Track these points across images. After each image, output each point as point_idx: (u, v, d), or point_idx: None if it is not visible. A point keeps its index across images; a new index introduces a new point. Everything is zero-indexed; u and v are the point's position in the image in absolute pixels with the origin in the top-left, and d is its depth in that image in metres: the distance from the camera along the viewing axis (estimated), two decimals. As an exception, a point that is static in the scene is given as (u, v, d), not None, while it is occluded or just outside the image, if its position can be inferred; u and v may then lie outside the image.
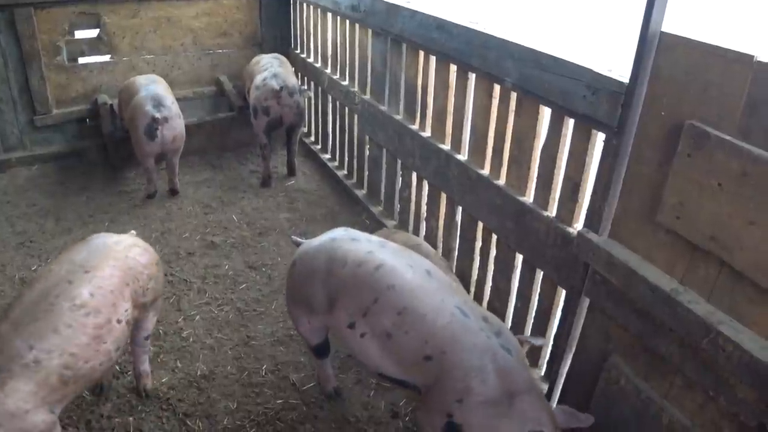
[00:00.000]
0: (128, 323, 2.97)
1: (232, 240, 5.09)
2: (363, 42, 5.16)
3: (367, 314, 2.81)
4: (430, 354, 2.68)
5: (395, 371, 2.84)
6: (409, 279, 2.81)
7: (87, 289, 2.79)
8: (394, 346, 2.77)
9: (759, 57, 2.10)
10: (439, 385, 2.67)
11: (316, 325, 3.20)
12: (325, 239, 3.15)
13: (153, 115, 5.25)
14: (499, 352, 2.65)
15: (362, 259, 2.90)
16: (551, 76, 3.06)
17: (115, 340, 2.85)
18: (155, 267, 3.21)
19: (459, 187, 3.96)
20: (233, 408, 3.50)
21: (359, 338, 2.86)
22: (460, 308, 2.74)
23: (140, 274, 3.06)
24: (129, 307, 2.96)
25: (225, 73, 6.92)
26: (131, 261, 3.04)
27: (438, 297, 2.77)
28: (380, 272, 2.83)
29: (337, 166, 6.21)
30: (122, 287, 2.93)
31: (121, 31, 6.30)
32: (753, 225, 2.15)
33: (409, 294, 2.76)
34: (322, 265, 3.01)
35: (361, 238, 3.08)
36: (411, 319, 2.72)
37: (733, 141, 2.18)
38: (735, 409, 2.35)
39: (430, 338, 2.68)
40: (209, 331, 4.06)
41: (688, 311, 2.38)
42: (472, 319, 2.72)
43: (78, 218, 5.33)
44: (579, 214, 3.14)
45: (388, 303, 2.76)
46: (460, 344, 2.65)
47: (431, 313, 2.71)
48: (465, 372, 2.61)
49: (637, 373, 2.81)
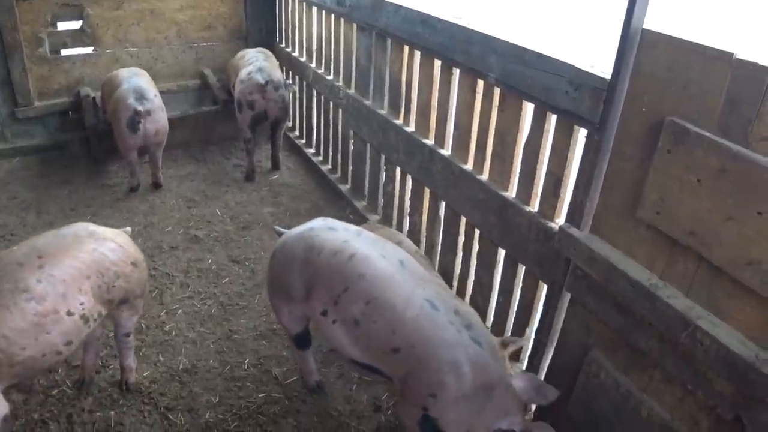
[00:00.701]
0: (86, 318, 2.88)
1: (216, 234, 5.08)
2: (348, 36, 5.15)
3: (337, 302, 2.85)
4: (398, 346, 2.70)
5: (365, 359, 2.88)
6: (381, 269, 2.82)
7: (35, 274, 2.74)
8: (363, 335, 2.79)
9: (738, 54, 2.12)
10: (413, 379, 2.69)
11: (295, 314, 3.23)
12: (302, 229, 3.19)
13: (135, 108, 5.21)
14: (470, 345, 2.65)
15: (338, 248, 2.93)
16: (534, 71, 3.07)
17: (63, 332, 2.78)
18: (129, 266, 3.11)
19: (442, 182, 3.97)
20: (215, 402, 3.50)
21: (331, 324, 2.90)
22: (429, 301, 2.74)
23: (106, 270, 2.98)
24: (87, 301, 2.88)
25: (209, 66, 6.88)
26: (98, 255, 2.97)
27: (408, 288, 2.77)
28: (353, 261, 2.85)
29: (322, 160, 6.20)
30: (80, 279, 2.86)
31: (105, 23, 6.25)
32: (731, 220, 2.18)
33: (378, 284, 2.78)
34: (299, 253, 3.04)
35: (338, 228, 3.10)
36: (378, 309, 2.74)
37: (712, 137, 2.20)
38: (712, 402, 2.38)
39: (398, 330, 2.70)
40: (192, 324, 4.05)
41: (667, 306, 2.41)
42: (442, 312, 2.72)
43: (60, 211, 5.29)
44: (561, 210, 3.16)
45: (358, 292, 2.79)
46: (429, 339, 2.66)
47: (400, 304, 2.72)
48: (437, 367, 2.62)
49: (617, 367, 2.84)
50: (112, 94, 5.45)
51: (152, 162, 5.67)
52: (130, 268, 3.12)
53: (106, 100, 5.68)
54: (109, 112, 5.57)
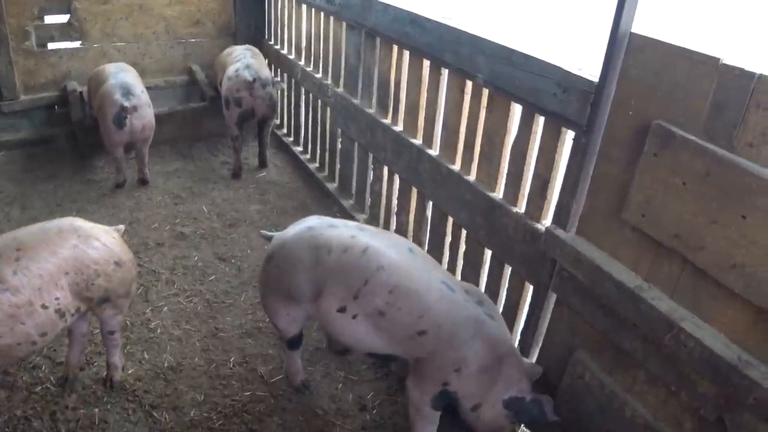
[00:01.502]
0: (61, 312, 2.90)
1: (202, 231, 5.06)
2: (337, 35, 5.15)
3: (358, 296, 2.89)
4: (425, 329, 2.83)
5: (388, 347, 2.96)
6: (396, 258, 2.91)
7: (11, 266, 2.76)
8: (388, 324, 2.88)
9: (725, 60, 2.15)
10: (437, 357, 2.84)
11: (295, 316, 3.21)
12: (300, 229, 3.14)
13: (122, 103, 5.18)
14: (486, 320, 2.87)
15: (347, 244, 2.95)
16: (522, 73, 3.08)
17: (38, 325, 2.81)
18: (111, 266, 3.07)
19: (430, 182, 3.98)
20: (200, 400, 3.48)
21: (351, 320, 2.94)
22: (446, 283, 2.90)
23: (86, 267, 2.96)
24: (63, 297, 2.90)
25: (197, 62, 6.85)
26: (78, 252, 2.96)
27: (425, 273, 2.90)
28: (368, 255, 2.90)
29: (309, 158, 6.19)
30: (57, 274, 2.87)
31: (93, 17, 6.20)
32: (715, 224, 2.20)
33: (398, 272, 2.87)
34: (305, 254, 3.01)
35: (338, 224, 3.11)
36: (403, 295, 2.84)
37: (697, 141, 2.22)
38: (696, 403, 2.40)
39: (425, 313, 2.83)
40: (177, 322, 4.04)
41: (651, 308, 2.43)
42: (458, 292, 2.90)
43: (45, 206, 5.26)
44: (548, 211, 3.17)
45: (379, 283, 2.85)
46: (452, 317, 2.83)
47: (422, 288, 2.85)
48: (460, 343, 2.81)
49: (602, 368, 2.86)
50: (99, 90, 5.41)
51: (138, 158, 5.63)
52: (112, 267, 3.08)
53: (92, 95, 5.63)
54: (95, 107, 5.53)
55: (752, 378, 2.12)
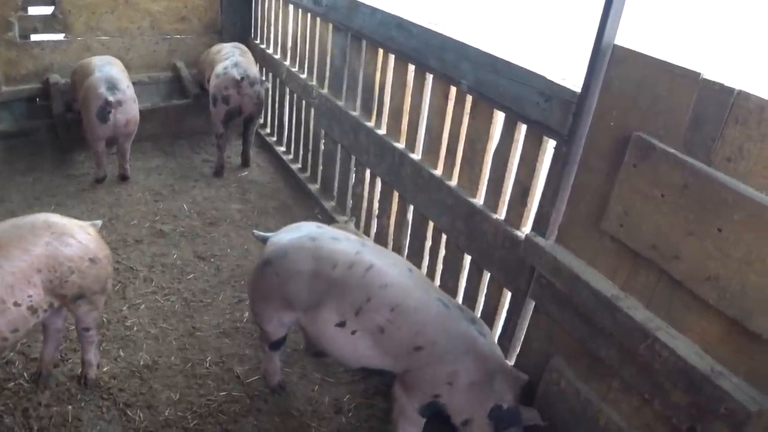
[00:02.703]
0: (33, 309, 2.89)
1: (182, 229, 5.03)
2: (323, 36, 5.14)
3: (359, 313, 2.95)
4: (422, 345, 2.92)
5: (381, 362, 3.05)
6: (398, 277, 2.99)
7: None
8: (386, 340, 2.96)
9: (705, 75, 2.18)
10: (428, 371, 2.94)
11: (286, 322, 3.22)
12: (301, 237, 3.13)
13: (106, 98, 5.14)
14: (478, 338, 2.95)
15: (352, 261, 3.00)
16: (506, 81, 3.10)
17: (9, 322, 2.80)
18: (86, 262, 3.03)
19: (411, 186, 3.99)
20: (175, 399, 3.46)
21: (349, 335, 3.00)
22: (441, 300, 3.00)
23: (59, 265, 2.93)
24: (36, 294, 2.88)
25: (182, 59, 6.80)
26: (51, 249, 2.92)
27: (423, 292, 2.99)
28: (371, 273, 2.97)
29: (292, 159, 6.18)
30: (30, 272, 2.85)
31: (77, 10, 6.14)
32: (691, 236, 2.23)
33: (400, 291, 2.95)
34: (307, 265, 3.02)
35: (341, 237, 3.14)
36: (403, 313, 2.92)
37: (676, 154, 2.25)
38: (669, 412, 2.43)
39: (422, 330, 2.91)
40: (154, 320, 4.01)
41: (627, 317, 2.46)
42: (452, 310, 3.00)
43: (23, 200, 5.20)
44: (527, 218, 3.19)
45: (382, 301, 2.93)
46: (447, 334, 2.92)
47: (421, 306, 2.95)
48: (454, 358, 2.90)
49: (578, 375, 2.88)
50: (84, 82, 5.36)
51: (120, 153, 5.59)
52: (86, 264, 3.04)
53: (77, 87, 5.58)
54: (79, 100, 5.48)
55: (724, 388, 2.15)
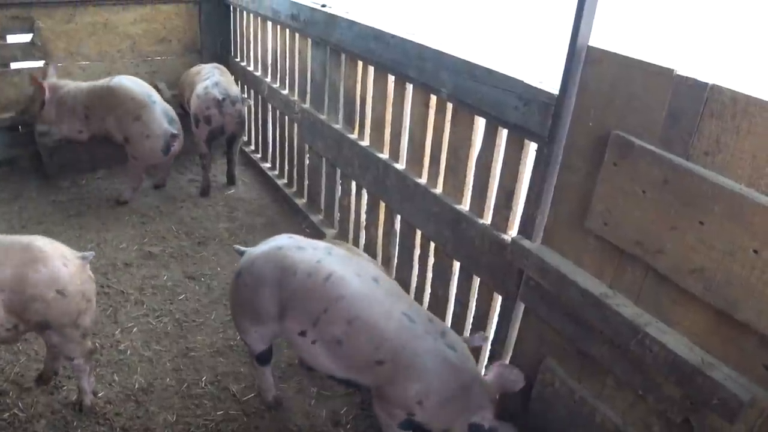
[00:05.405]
0: None
1: (171, 250, 5.02)
2: (303, 51, 5.17)
3: (317, 323, 2.90)
4: (382, 359, 2.83)
5: (346, 374, 2.98)
6: (358, 288, 2.90)
7: None
8: (345, 353, 2.89)
9: (679, 71, 2.21)
10: (397, 387, 2.85)
11: (263, 333, 3.20)
12: (270, 247, 3.15)
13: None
14: (448, 352, 2.86)
15: (312, 269, 2.95)
16: (485, 87, 3.13)
17: None
18: (52, 293, 2.95)
19: (397, 196, 4.01)
20: (172, 420, 3.45)
21: (310, 344, 2.96)
22: (406, 314, 2.90)
23: (21, 290, 2.90)
24: None
25: (163, 80, 6.80)
26: (18, 272, 2.90)
27: (386, 304, 2.90)
28: (330, 282, 2.90)
29: (277, 174, 6.19)
30: None
31: (56, 37, 6.13)
32: (674, 230, 2.26)
33: (358, 303, 2.86)
34: (270, 274, 3.02)
35: (307, 246, 3.10)
36: (361, 327, 2.84)
37: (655, 150, 2.28)
38: (662, 406, 2.45)
39: (381, 344, 2.82)
40: (147, 343, 4.00)
41: (616, 314, 2.48)
42: (419, 323, 2.90)
43: (10, 228, 5.17)
44: (513, 222, 3.21)
45: (338, 313, 2.86)
46: (411, 350, 2.83)
47: (381, 320, 2.84)
48: (420, 375, 2.81)
49: (571, 375, 2.90)
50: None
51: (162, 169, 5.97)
52: (52, 294, 2.96)
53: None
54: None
55: (715, 379, 2.17)
